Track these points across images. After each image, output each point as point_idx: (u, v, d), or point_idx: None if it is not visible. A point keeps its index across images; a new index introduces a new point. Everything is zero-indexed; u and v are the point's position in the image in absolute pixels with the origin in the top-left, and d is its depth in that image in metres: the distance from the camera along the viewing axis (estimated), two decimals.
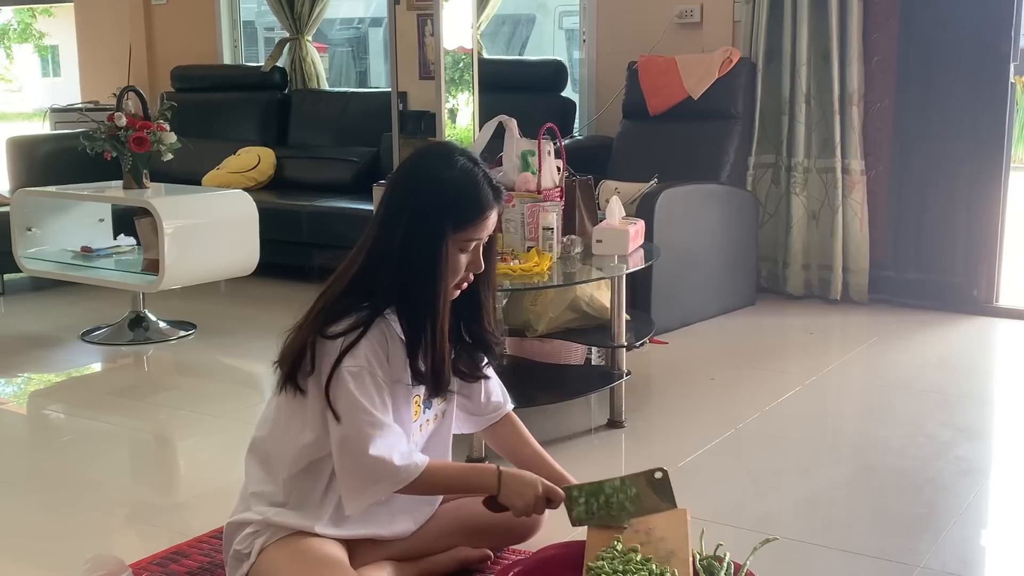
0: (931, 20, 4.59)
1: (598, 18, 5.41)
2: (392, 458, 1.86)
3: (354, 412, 1.86)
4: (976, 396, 3.58)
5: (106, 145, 4.18)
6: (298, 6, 6.25)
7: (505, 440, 2.23)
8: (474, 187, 1.93)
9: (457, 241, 1.92)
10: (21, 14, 21.51)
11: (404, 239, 1.90)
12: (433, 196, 1.91)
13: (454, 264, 1.94)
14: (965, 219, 4.62)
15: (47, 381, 3.86)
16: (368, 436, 1.85)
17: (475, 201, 1.92)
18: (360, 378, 1.86)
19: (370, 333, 1.89)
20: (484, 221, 1.94)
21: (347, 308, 1.91)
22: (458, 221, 1.91)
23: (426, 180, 1.94)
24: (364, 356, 1.87)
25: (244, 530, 1.94)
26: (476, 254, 1.97)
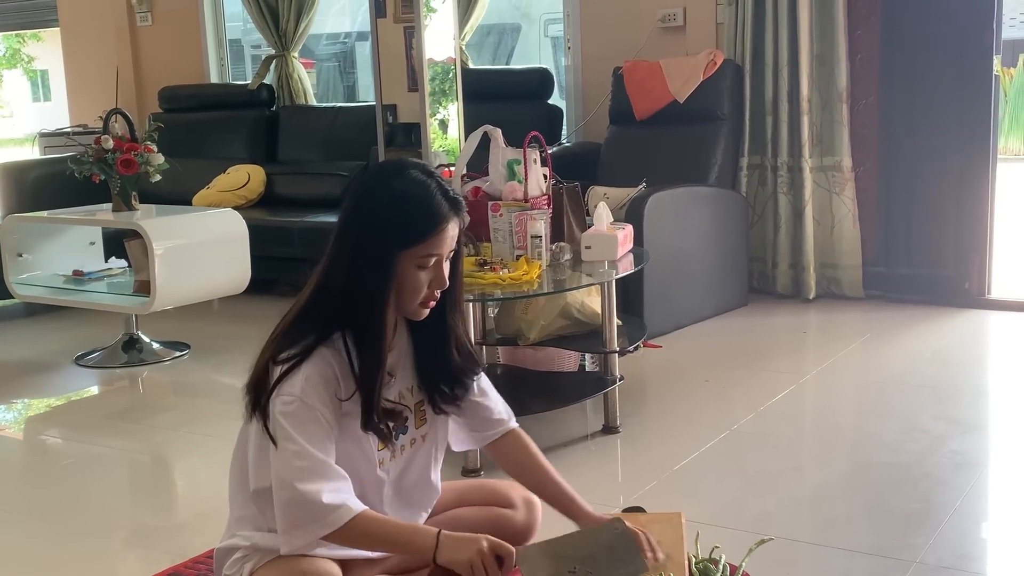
0: (913, 15, 4.61)
1: (582, 25, 5.42)
2: (319, 498, 1.73)
3: (284, 445, 1.76)
4: (970, 389, 3.59)
5: (94, 168, 4.18)
6: (283, 23, 6.26)
7: (509, 458, 2.10)
8: (426, 199, 1.82)
9: (412, 258, 1.81)
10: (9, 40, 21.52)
11: (352, 259, 1.82)
12: (381, 212, 1.82)
13: (413, 283, 1.84)
14: (954, 212, 4.63)
15: (43, 406, 3.86)
16: (295, 471, 1.74)
17: (428, 214, 1.81)
18: (292, 409, 1.76)
19: (312, 360, 1.79)
20: (440, 234, 1.82)
21: (299, 332, 1.83)
22: (409, 236, 1.81)
23: (374, 196, 1.84)
24: (300, 386, 1.77)
25: (232, 555, 1.93)
26: (438, 270, 1.85)
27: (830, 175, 4.75)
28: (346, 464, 1.86)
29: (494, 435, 2.09)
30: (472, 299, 2.82)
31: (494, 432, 2.09)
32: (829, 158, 4.75)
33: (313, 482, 1.74)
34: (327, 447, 1.78)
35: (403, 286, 1.84)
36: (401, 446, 1.96)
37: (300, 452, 1.75)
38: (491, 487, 2.24)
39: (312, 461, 1.75)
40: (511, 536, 2.18)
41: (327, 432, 1.79)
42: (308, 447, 1.75)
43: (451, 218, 1.84)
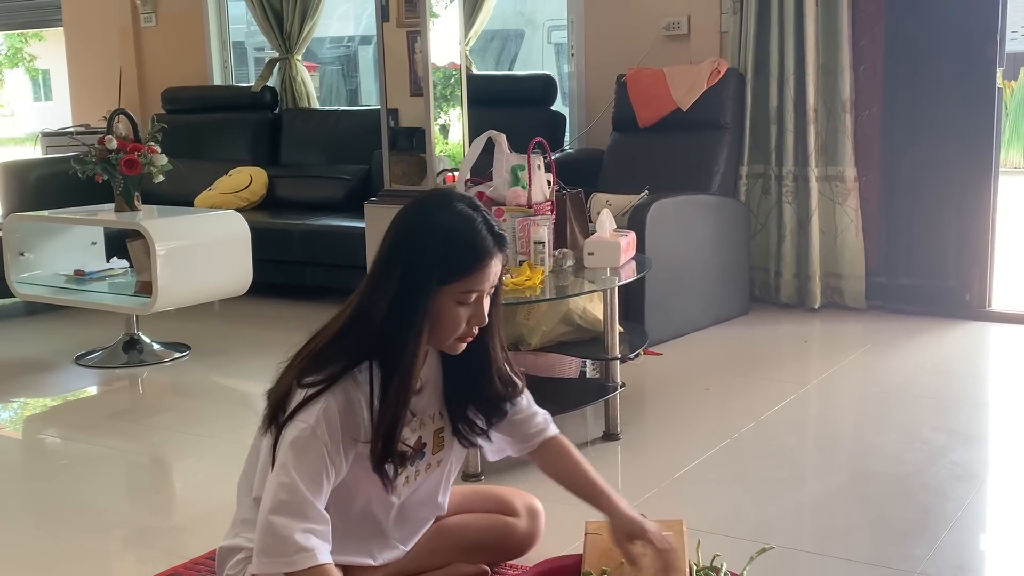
0: (917, 26, 4.62)
1: (586, 32, 5.43)
2: (290, 534, 1.70)
3: (278, 471, 1.74)
4: (970, 401, 3.59)
5: (97, 168, 4.18)
6: (287, 26, 6.27)
7: (549, 464, 2.07)
8: (471, 234, 1.78)
9: (452, 293, 1.78)
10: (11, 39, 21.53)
11: (392, 291, 1.78)
12: (425, 245, 1.77)
13: (451, 319, 1.80)
14: (956, 224, 4.63)
15: (42, 406, 3.85)
16: (277, 502, 1.72)
17: (472, 249, 1.78)
18: (299, 437, 1.74)
19: (334, 391, 1.77)
20: (483, 271, 1.78)
21: (328, 358, 1.80)
22: (452, 272, 1.77)
23: (418, 228, 1.80)
24: (315, 416, 1.75)
25: (236, 556, 1.93)
26: (478, 307, 1.82)
27: (833, 185, 4.76)
28: (358, 488, 1.86)
29: (534, 444, 2.07)
30: None
31: (534, 442, 2.07)
32: (832, 168, 4.75)
33: (288, 518, 1.72)
34: (319, 486, 1.75)
35: (441, 321, 1.80)
36: (416, 471, 1.95)
37: (288, 485, 1.73)
38: (495, 494, 2.24)
39: (296, 497, 1.73)
40: (514, 544, 2.19)
41: (326, 469, 1.76)
42: (298, 482, 1.73)
43: (495, 254, 1.81)
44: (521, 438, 2.07)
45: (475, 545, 2.14)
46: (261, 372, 4.13)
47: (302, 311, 4.99)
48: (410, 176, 4.23)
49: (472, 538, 2.13)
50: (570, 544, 2.26)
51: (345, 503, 1.86)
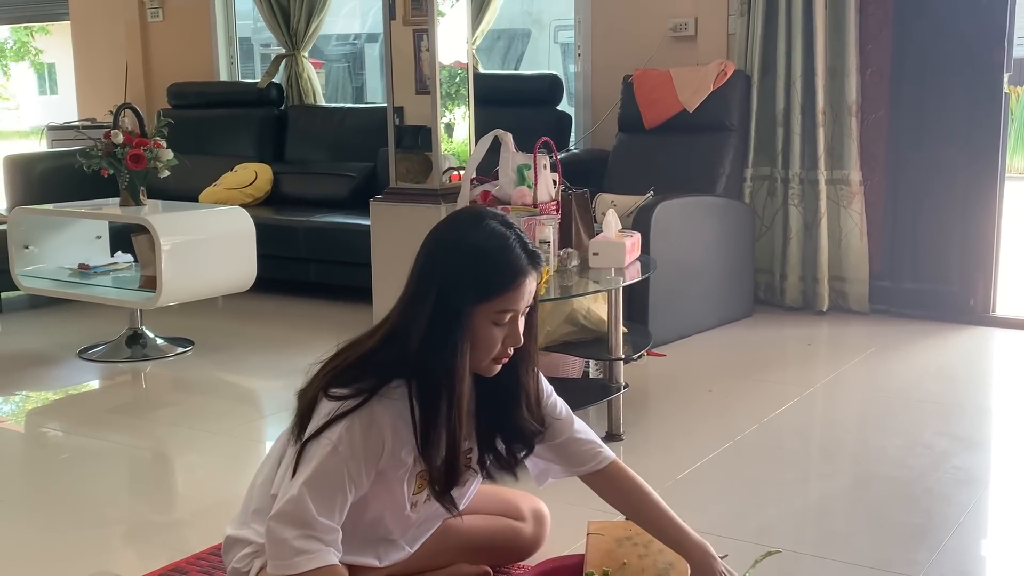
0: (924, 31, 4.61)
1: (593, 32, 5.42)
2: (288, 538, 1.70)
3: (296, 482, 1.73)
4: (974, 406, 3.58)
5: (103, 162, 4.18)
6: (294, 22, 6.27)
7: (611, 495, 2.02)
8: (504, 251, 1.76)
9: (487, 313, 1.76)
10: (18, 32, 21.55)
11: (428, 311, 1.76)
12: (458, 264, 1.76)
13: (486, 339, 1.77)
14: (961, 229, 4.63)
15: (45, 399, 3.85)
16: (282, 511, 1.73)
17: (506, 268, 1.75)
18: (322, 454, 1.73)
19: (363, 410, 1.75)
20: (518, 290, 1.76)
21: (358, 374, 1.78)
22: (486, 290, 1.75)
23: (451, 247, 1.78)
24: (339, 433, 1.74)
25: (244, 548, 1.93)
26: (513, 327, 1.79)
27: (839, 188, 4.75)
28: (374, 501, 1.85)
29: (586, 470, 2.01)
30: None
31: (586, 468, 2.01)
32: (838, 171, 4.75)
33: (287, 525, 1.72)
34: (332, 503, 1.74)
35: (476, 342, 1.77)
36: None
37: (295, 498, 1.72)
38: (501, 496, 2.23)
39: (300, 510, 1.72)
40: (519, 548, 2.19)
41: (343, 487, 1.75)
42: (307, 499, 1.72)
43: (529, 272, 1.78)
44: (571, 462, 2.01)
45: (479, 547, 2.14)
46: (264, 368, 4.15)
47: (305, 308, 4.99)
48: (415, 174, 4.23)
49: (477, 540, 2.13)
50: (572, 544, 2.26)
51: (358, 512, 1.85)
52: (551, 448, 2.01)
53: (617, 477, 2.01)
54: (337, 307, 4.88)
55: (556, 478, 2.07)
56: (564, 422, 2.01)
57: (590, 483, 2.03)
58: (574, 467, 2.01)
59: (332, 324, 4.56)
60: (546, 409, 1.99)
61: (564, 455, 2.01)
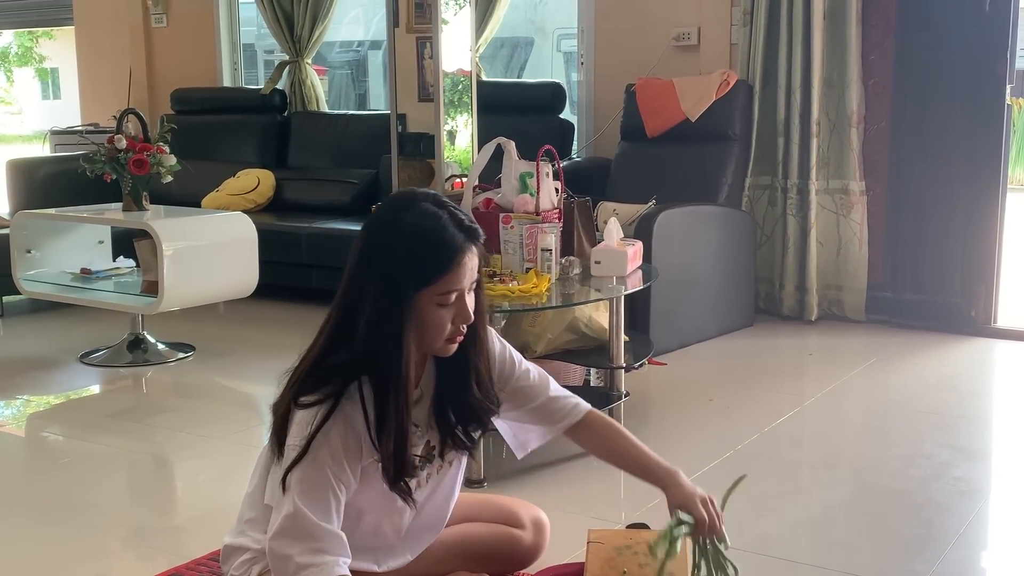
0: (927, 42, 4.62)
1: (596, 41, 5.43)
2: (292, 554, 1.68)
3: (288, 498, 1.71)
4: (975, 417, 3.58)
5: (106, 167, 4.19)
6: (298, 29, 6.29)
7: (593, 444, 2.06)
8: (439, 232, 1.72)
9: (431, 296, 1.73)
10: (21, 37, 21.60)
11: (369, 302, 1.73)
12: (394, 251, 1.72)
13: (435, 321, 1.75)
14: (963, 240, 4.63)
15: (46, 403, 3.86)
16: (281, 528, 1.71)
17: (443, 248, 1.72)
18: (305, 467, 1.72)
19: (335, 415, 1.72)
20: (458, 269, 1.73)
21: (319, 379, 1.75)
22: (426, 274, 1.71)
23: (385, 234, 1.74)
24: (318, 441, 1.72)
25: (241, 556, 1.92)
26: (461, 305, 1.76)
27: (838, 198, 4.76)
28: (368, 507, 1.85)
29: (564, 426, 2.05)
30: None
31: (564, 424, 2.05)
32: (837, 181, 4.76)
33: (292, 541, 1.70)
34: (328, 509, 1.73)
35: (425, 326, 1.75)
36: (428, 474, 1.93)
37: (292, 515, 1.70)
38: (500, 505, 2.23)
39: (299, 523, 1.70)
40: (518, 556, 2.18)
41: (333, 490, 1.73)
42: (304, 510, 1.70)
43: (468, 249, 1.75)
44: (550, 421, 2.05)
45: (479, 555, 2.13)
46: (264, 374, 4.15)
47: (307, 314, 4.97)
48: (417, 181, 4.24)
49: (476, 548, 2.13)
50: (572, 552, 2.26)
51: (354, 520, 1.84)
52: (530, 412, 2.04)
53: (595, 424, 2.05)
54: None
55: (537, 443, 2.10)
56: (538, 386, 2.04)
57: (573, 437, 2.07)
58: (554, 424, 2.05)
59: None
60: (518, 376, 2.02)
61: (543, 415, 2.05)
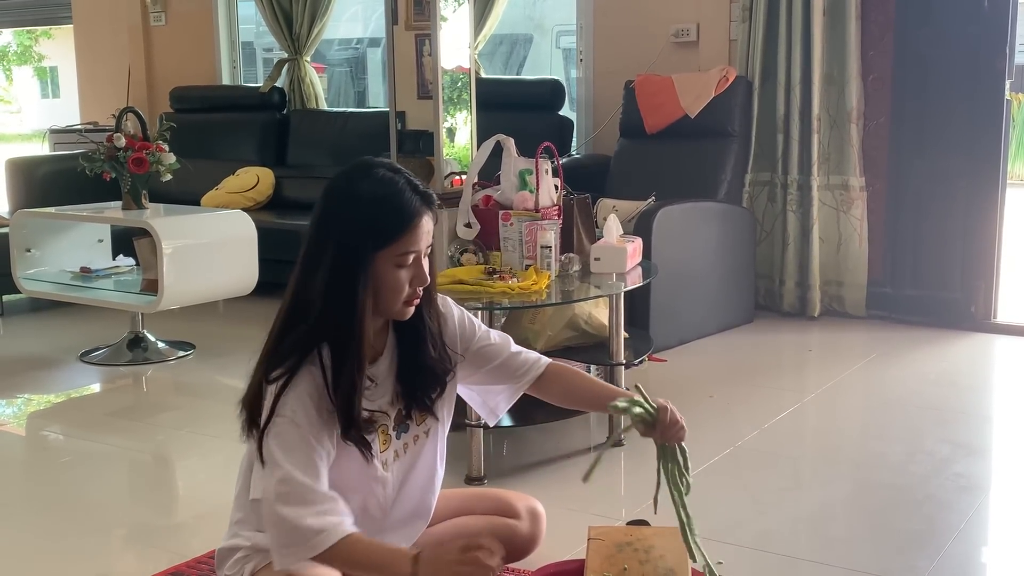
0: (927, 38, 4.62)
1: (595, 37, 5.43)
2: (302, 522, 1.71)
3: (270, 468, 1.75)
4: (975, 413, 3.58)
5: (105, 166, 4.19)
6: (296, 27, 6.28)
7: (556, 391, 2.10)
8: (395, 196, 1.80)
9: (389, 257, 1.80)
10: (20, 36, 21.58)
11: (328, 266, 1.79)
12: (351, 215, 1.79)
13: (393, 283, 1.81)
14: (962, 235, 4.63)
15: (46, 402, 3.86)
16: (280, 496, 1.73)
17: (401, 210, 1.79)
18: (282, 430, 1.75)
19: (301, 378, 1.78)
20: (416, 231, 1.80)
21: (284, 352, 1.80)
22: (385, 235, 1.78)
23: (341, 200, 1.81)
24: (290, 405, 1.76)
25: (234, 555, 1.93)
26: (418, 267, 1.83)
27: (837, 194, 4.76)
28: (346, 475, 1.86)
29: (529, 380, 2.09)
30: (480, 307, 2.82)
31: (528, 378, 2.08)
32: (837, 177, 4.76)
33: (295, 507, 1.73)
34: (315, 469, 1.76)
35: (383, 288, 1.82)
36: (404, 444, 1.96)
37: (285, 478, 1.73)
38: (496, 496, 2.24)
39: (295, 486, 1.73)
40: (515, 546, 2.18)
41: (315, 452, 1.77)
42: (293, 471, 1.74)
43: (424, 212, 1.82)
44: (514, 377, 2.08)
45: None
46: None
47: None
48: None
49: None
50: (573, 549, 2.26)
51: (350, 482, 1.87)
52: (495, 371, 2.07)
53: (557, 372, 2.10)
54: None
55: (507, 405, 2.14)
56: (500, 344, 2.09)
57: (538, 391, 2.11)
58: (518, 380, 2.08)
59: None
60: (479, 337, 2.06)
61: (507, 373, 2.08)
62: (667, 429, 1.95)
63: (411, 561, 1.74)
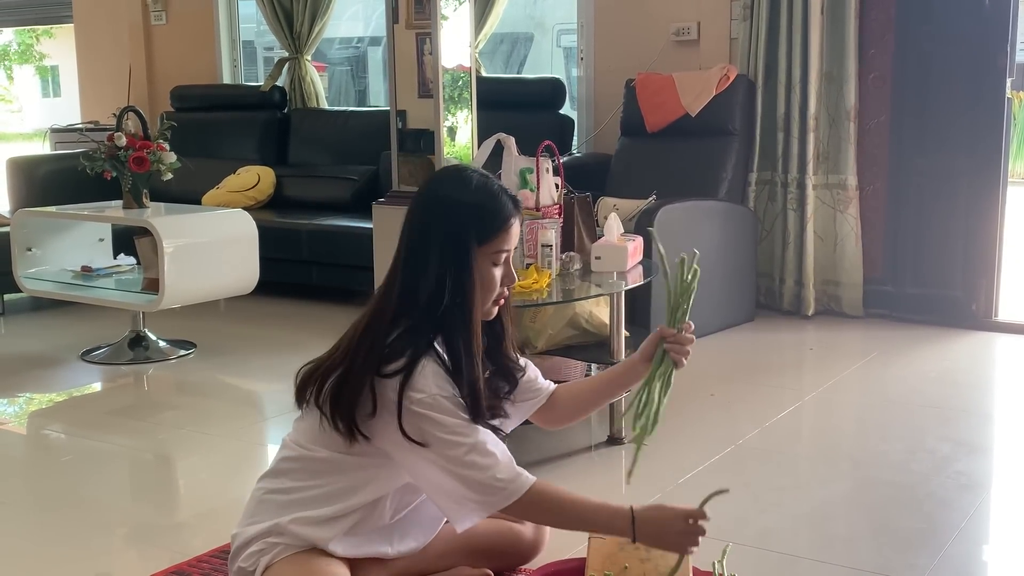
0: (928, 35, 4.62)
1: (596, 36, 5.43)
2: (495, 474, 1.83)
3: (443, 437, 1.83)
4: (976, 411, 3.58)
5: (106, 165, 4.19)
6: (297, 25, 6.28)
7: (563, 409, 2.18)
8: (493, 198, 1.92)
9: (487, 254, 1.91)
10: (22, 35, 21.59)
11: (435, 265, 1.88)
12: (455, 216, 1.90)
13: (488, 279, 1.92)
14: (964, 234, 4.63)
15: (47, 401, 3.86)
16: (465, 458, 1.83)
17: (497, 211, 1.92)
18: (438, 405, 1.83)
19: (425, 362, 1.85)
20: (510, 230, 1.93)
21: (399, 344, 1.87)
22: (483, 234, 1.90)
23: (445, 202, 1.92)
24: (433, 383, 1.84)
25: (251, 547, 1.94)
26: (508, 267, 1.96)
27: (835, 193, 4.76)
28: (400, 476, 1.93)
29: (540, 400, 2.14)
30: None
31: (540, 398, 2.14)
32: (834, 176, 4.76)
33: (483, 463, 1.83)
34: (477, 427, 1.86)
35: (482, 285, 1.91)
36: None
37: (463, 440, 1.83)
38: None
39: (475, 443, 1.83)
40: (520, 551, 2.19)
41: (466, 409, 1.86)
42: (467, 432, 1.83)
43: (516, 215, 1.95)
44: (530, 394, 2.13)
45: (481, 550, 2.14)
46: (266, 371, 4.15)
47: (308, 311, 4.99)
48: (417, 177, 4.23)
49: (478, 543, 2.14)
50: (574, 548, 2.26)
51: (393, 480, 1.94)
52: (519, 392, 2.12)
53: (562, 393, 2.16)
54: (339, 310, 4.88)
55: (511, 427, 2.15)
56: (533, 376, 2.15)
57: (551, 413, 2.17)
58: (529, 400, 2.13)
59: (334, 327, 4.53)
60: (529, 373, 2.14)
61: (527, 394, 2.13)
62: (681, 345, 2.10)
63: (629, 520, 1.86)
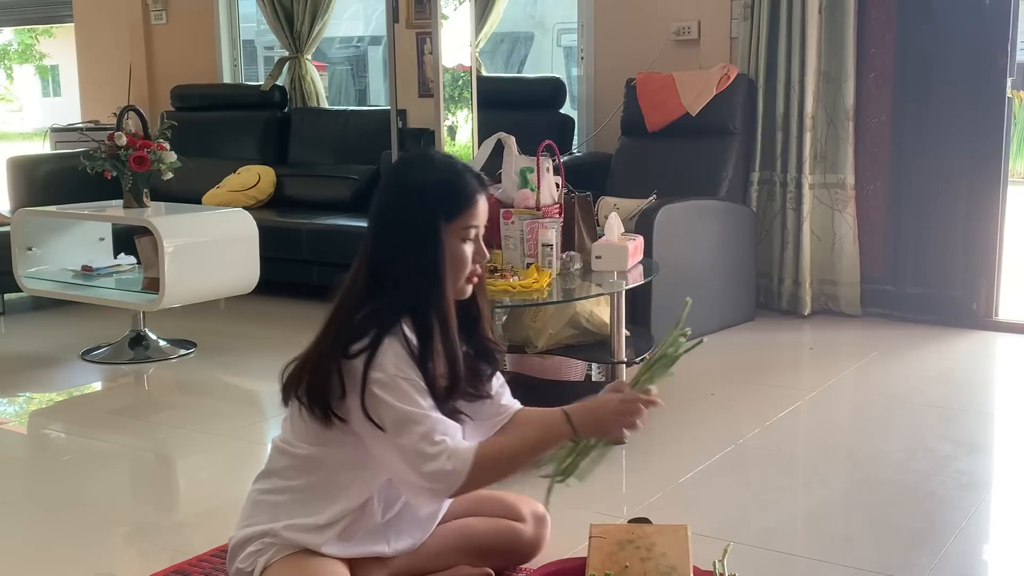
0: (928, 35, 4.62)
1: (596, 35, 5.43)
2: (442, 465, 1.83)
3: (401, 421, 1.84)
4: (976, 410, 3.58)
5: (106, 164, 4.19)
6: (297, 25, 6.28)
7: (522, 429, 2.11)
8: (458, 175, 1.96)
9: (455, 231, 1.93)
10: (22, 35, 21.58)
11: (402, 244, 1.91)
12: (422, 195, 1.93)
13: (458, 256, 1.94)
14: (964, 233, 4.63)
15: (47, 400, 3.86)
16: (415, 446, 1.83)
17: (461, 188, 1.95)
18: (394, 387, 1.84)
19: (388, 341, 1.86)
20: (477, 206, 1.96)
21: (364, 325, 1.88)
22: (451, 211, 1.93)
23: (410, 183, 1.96)
24: (392, 364, 1.85)
25: (248, 548, 1.94)
26: (479, 243, 1.98)
27: (833, 192, 4.76)
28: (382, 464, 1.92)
29: (504, 419, 2.11)
30: None
31: (505, 416, 2.11)
32: (832, 175, 4.76)
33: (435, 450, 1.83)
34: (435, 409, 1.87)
35: (452, 261, 1.92)
36: None
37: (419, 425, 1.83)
38: (501, 499, 2.24)
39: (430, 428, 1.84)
40: (520, 550, 2.20)
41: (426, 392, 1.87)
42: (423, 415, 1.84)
43: (481, 191, 1.98)
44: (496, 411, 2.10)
45: (481, 549, 2.14)
46: (266, 370, 4.14)
47: (308, 310, 4.96)
48: None
49: (478, 542, 2.14)
50: (574, 547, 2.26)
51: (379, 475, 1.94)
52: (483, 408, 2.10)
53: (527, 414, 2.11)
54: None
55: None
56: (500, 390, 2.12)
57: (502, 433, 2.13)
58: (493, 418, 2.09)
59: None
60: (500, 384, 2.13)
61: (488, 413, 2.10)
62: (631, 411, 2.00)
63: (566, 421, 1.92)
